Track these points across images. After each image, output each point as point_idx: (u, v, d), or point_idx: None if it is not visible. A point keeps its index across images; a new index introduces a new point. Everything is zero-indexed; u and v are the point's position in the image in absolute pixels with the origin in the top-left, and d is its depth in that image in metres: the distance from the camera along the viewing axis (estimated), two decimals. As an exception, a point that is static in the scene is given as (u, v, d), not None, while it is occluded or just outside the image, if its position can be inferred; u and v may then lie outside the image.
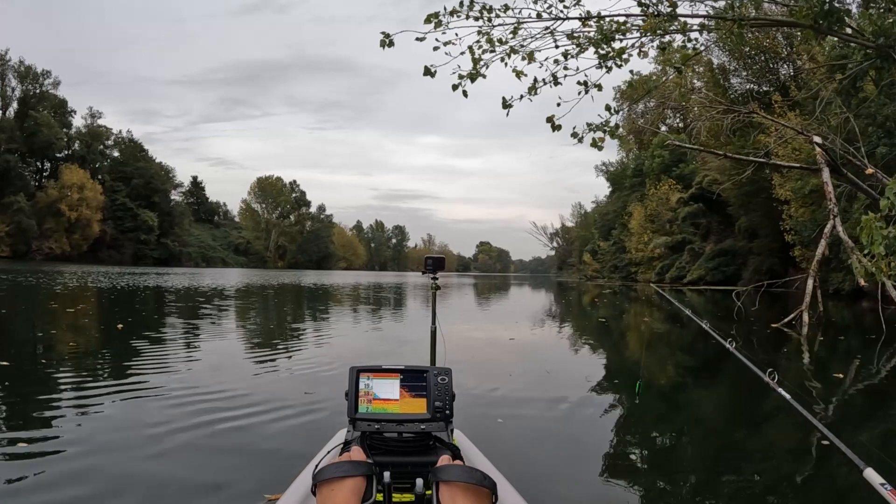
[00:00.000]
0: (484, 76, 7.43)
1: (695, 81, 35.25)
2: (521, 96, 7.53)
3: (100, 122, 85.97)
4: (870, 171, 14.01)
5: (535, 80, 7.43)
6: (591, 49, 7.59)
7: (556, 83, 7.45)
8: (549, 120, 7.41)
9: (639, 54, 7.58)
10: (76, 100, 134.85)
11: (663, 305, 23.48)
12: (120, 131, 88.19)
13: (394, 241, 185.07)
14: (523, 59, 7.35)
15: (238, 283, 31.94)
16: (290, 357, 7.85)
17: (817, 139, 14.48)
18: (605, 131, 7.88)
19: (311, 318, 14.08)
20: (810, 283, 13.02)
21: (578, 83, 7.56)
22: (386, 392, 1.93)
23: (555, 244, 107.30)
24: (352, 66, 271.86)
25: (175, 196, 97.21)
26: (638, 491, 3.56)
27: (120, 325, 10.37)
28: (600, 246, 65.39)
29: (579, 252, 79.69)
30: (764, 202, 28.78)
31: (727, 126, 17.45)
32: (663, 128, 47.35)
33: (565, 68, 7.34)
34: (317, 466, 1.41)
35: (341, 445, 1.91)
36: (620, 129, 8.12)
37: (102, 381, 5.81)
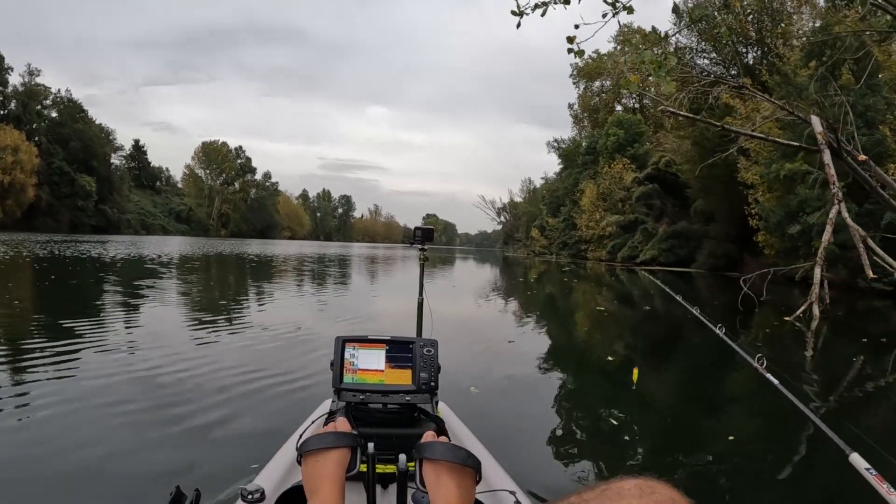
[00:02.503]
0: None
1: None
2: (536, 5, 5.97)
3: (38, 80, 79.38)
4: (862, 157, 13.10)
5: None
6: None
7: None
8: (570, 40, 5.83)
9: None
10: (16, 59, 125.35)
11: (614, 284, 24.42)
12: (59, 91, 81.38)
13: (340, 211, 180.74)
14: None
15: (173, 253, 29.25)
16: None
17: (816, 119, 13.45)
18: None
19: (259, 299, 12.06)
20: (818, 271, 11.81)
21: (605, 1, 5.96)
22: (371, 363, 1.89)
23: (502, 219, 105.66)
24: (303, 34, 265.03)
25: (115, 160, 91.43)
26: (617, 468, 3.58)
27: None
28: (549, 222, 64.26)
29: (527, 228, 78.55)
30: (724, 186, 27.83)
31: (714, 98, 16.13)
32: (618, 107, 46.53)
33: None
34: (301, 437, 1.41)
35: (326, 415, 1.88)
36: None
37: None
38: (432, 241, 3.94)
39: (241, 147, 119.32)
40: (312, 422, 1.88)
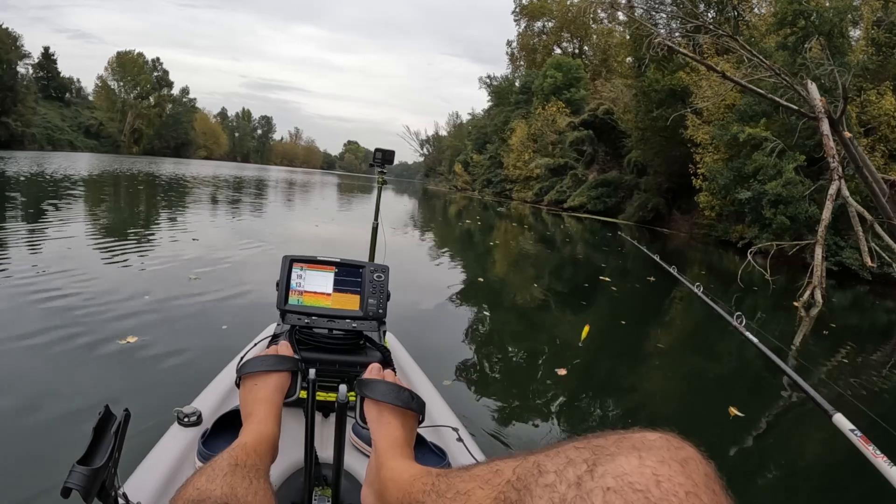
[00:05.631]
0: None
1: (599, 12, 32.36)
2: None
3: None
4: (848, 134, 12.10)
5: None
6: None
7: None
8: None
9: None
10: None
11: (537, 226, 24.21)
12: (-44, -12, 70.81)
13: (259, 132, 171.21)
14: None
15: (80, 170, 25.63)
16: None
17: (813, 86, 12.29)
18: None
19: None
20: (819, 252, 10.66)
21: None
22: (318, 285, 1.64)
23: (425, 151, 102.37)
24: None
25: (21, 69, 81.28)
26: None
27: None
28: (473, 158, 62.47)
29: (450, 162, 76.38)
30: (665, 141, 26.71)
31: (661, 49, 14.49)
32: (557, 50, 44.62)
33: None
34: (242, 359, 1.30)
35: (269, 338, 1.79)
36: None
37: None
38: (392, 163, 3.71)
39: (158, 59, 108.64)
40: (255, 344, 1.76)
